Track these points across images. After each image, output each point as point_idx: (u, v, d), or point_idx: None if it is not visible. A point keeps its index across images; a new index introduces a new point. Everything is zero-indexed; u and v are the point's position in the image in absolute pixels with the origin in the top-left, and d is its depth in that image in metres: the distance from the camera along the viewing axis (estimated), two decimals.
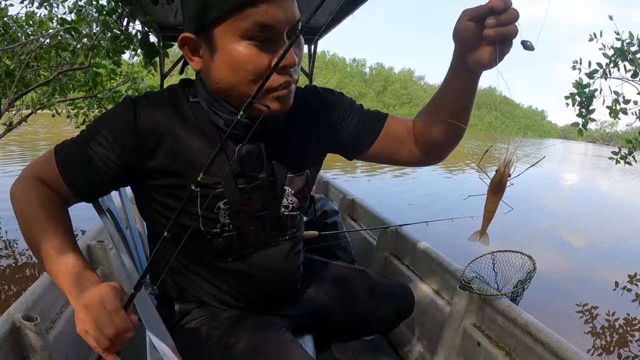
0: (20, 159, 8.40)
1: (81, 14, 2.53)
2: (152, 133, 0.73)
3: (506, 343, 1.16)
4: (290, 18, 0.66)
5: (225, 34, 0.65)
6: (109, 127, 0.73)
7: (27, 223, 0.71)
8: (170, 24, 2.55)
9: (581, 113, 3.85)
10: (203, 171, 0.58)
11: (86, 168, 0.73)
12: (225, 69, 0.67)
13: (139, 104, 0.74)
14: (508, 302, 1.17)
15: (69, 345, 1.17)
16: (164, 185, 0.75)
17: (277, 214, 0.83)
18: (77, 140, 0.75)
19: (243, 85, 0.68)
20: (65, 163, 0.74)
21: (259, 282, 0.85)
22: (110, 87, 3.99)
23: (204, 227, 0.77)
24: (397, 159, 0.89)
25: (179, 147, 0.74)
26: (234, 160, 0.76)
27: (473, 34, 0.61)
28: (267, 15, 0.63)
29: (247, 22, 0.63)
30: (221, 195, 0.76)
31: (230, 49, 0.65)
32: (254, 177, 0.78)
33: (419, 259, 1.61)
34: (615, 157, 4.19)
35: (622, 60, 3.68)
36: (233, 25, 0.64)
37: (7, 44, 2.75)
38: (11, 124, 3.21)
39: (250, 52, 0.65)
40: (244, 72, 0.66)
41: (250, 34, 0.64)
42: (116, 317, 0.58)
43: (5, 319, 0.94)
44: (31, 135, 12.36)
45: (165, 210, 0.77)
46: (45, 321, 1.10)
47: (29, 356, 0.97)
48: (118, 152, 0.72)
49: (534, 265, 1.21)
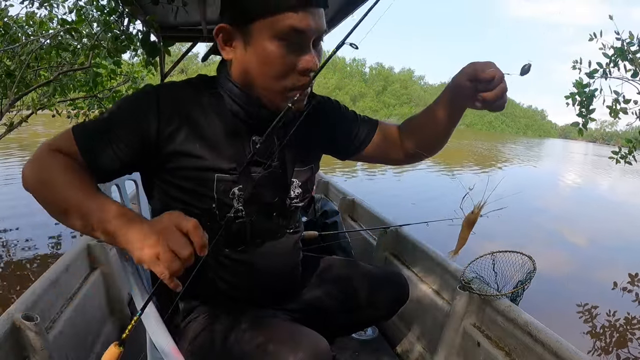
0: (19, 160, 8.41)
1: (81, 14, 2.53)
2: (174, 116, 0.75)
3: (506, 343, 1.16)
4: (320, 29, 0.73)
5: (261, 30, 0.70)
6: (132, 109, 0.74)
7: (54, 190, 0.67)
8: (170, 24, 2.55)
9: (581, 113, 3.85)
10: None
11: (107, 148, 0.72)
12: (255, 62, 0.73)
13: (163, 88, 0.77)
14: (508, 303, 1.17)
15: (69, 344, 1.17)
16: (181, 167, 0.77)
17: (285, 204, 0.87)
18: (98, 121, 0.74)
19: (267, 80, 0.74)
20: (85, 141, 0.72)
21: (264, 274, 0.87)
22: (111, 87, 3.99)
23: (219, 212, 0.78)
24: (385, 158, 1.01)
25: (199, 132, 0.77)
26: (255, 150, 0.78)
27: (469, 89, 0.75)
28: (302, 22, 0.69)
29: (284, 25, 0.69)
30: (236, 180, 0.78)
31: (264, 45, 0.71)
32: (267, 165, 0.82)
33: (419, 259, 1.62)
34: (616, 156, 4.19)
35: (622, 60, 3.67)
36: (270, 25, 0.69)
37: (7, 45, 2.75)
38: (12, 124, 3.21)
39: (280, 52, 0.71)
40: (269, 69, 0.72)
41: (284, 36, 0.70)
42: (195, 235, 0.59)
43: (5, 318, 0.94)
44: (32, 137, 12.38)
45: (181, 193, 0.78)
46: (45, 321, 1.10)
47: (29, 356, 0.97)
48: (140, 134, 0.73)
49: (534, 266, 1.21)
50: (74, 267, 1.35)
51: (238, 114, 0.79)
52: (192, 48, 3.29)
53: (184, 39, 3.01)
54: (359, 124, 0.98)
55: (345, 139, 0.97)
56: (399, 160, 1.00)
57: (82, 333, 1.27)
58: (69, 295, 1.28)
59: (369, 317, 1.08)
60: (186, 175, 0.77)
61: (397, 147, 0.98)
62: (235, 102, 0.78)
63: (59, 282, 1.22)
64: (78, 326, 1.24)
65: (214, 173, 0.76)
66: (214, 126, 0.78)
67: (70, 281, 1.31)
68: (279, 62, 0.72)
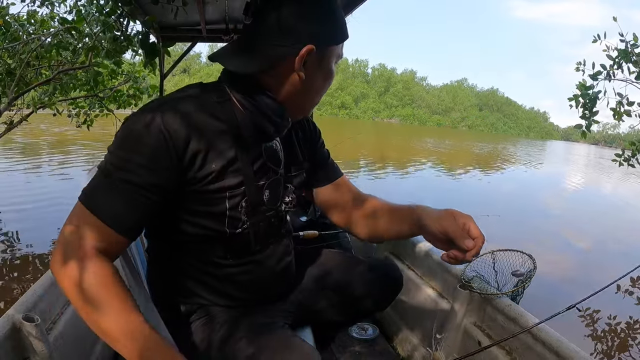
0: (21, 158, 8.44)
1: (81, 14, 2.53)
2: (187, 145, 0.71)
3: (507, 342, 1.15)
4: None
5: (331, 54, 0.80)
6: (142, 154, 0.68)
7: (87, 310, 0.65)
8: (170, 24, 2.56)
9: (585, 115, 3.83)
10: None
11: (130, 205, 0.68)
12: (321, 80, 0.81)
13: (167, 118, 0.70)
14: (508, 301, 1.17)
15: (70, 346, 1.16)
16: (198, 191, 0.74)
17: (281, 209, 0.87)
18: (107, 181, 0.69)
19: (319, 96, 0.85)
20: (104, 210, 0.68)
21: (265, 277, 0.88)
22: (112, 86, 3.99)
23: (228, 228, 0.78)
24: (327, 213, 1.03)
25: (213, 150, 0.74)
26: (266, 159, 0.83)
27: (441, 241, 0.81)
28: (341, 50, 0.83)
29: (339, 53, 0.82)
30: (243, 192, 0.78)
31: (330, 67, 0.81)
32: (274, 171, 0.84)
33: (419, 258, 1.61)
34: (619, 159, 4.17)
35: (626, 61, 3.66)
36: (335, 51, 0.80)
37: (8, 43, 2.75)
38: (12, 123, 3.21)
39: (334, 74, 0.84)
40: (326, 87, 0.84)
41: (336, 61, 0.82)
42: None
43: (5, 319, 0.94)
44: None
45: (191, 216, 0.76)
46: (45, 322, 1.09)
47: (29, 357, 0.97)
48: (161, 177, 0.69)
49: (534, 265, 1.20)
50: None
51: (264, 127, 0.79)
52: (191, 48, 3.30)
53: (184, 39, 3.01)
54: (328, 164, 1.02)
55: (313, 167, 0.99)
56: (339, 223, 1.02)
57: (82, 334, 1.26)
58: None
59: (365, 307, 1.08)
60: (201, 198, 0.75)
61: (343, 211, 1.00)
62: (261, 112, 0.77)
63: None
64: (79, 327, 1.23)
65: (227, 190, 0.76)
66: (223, 140, 0.76)
67: None
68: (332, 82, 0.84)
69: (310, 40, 0.74)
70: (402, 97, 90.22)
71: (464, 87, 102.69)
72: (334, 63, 0.81)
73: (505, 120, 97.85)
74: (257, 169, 0.80)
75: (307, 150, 0.97)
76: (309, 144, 0.98)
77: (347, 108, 79.44)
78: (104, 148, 0.78)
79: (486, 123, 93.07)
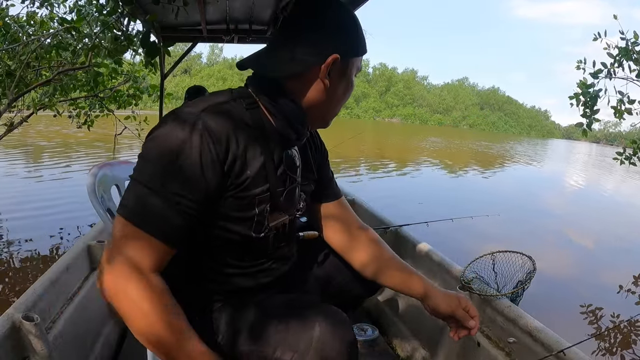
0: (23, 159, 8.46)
1: (81, 14, 2.53)
2: (228, 152, 0.72)
3: (506, 343, 1.15)
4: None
5: (353, 66, 0.83)
6: (188, 164, 0.68)
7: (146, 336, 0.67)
8: (170, 24, 2.56)
9: (586, 113, 3.82)
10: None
11: (180, 217, 0.69)
12: (342, 90, 0.84)
13: (208, 125, 0.70)
14: (508, 303, 1.17)
15: (69, 345, 1.17)
16: (229, 197, 0.76)
17: (294, 214, 0.91)
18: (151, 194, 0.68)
19: (339, 106, 0.87)
20: (154, 225, 0.67)
21: (276, 276, 0.91)
22: (112, 86, 3.99)
23: (254, 233, 0.81)
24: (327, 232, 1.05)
25: (247, 158, 0.76)
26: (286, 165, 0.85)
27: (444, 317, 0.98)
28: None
29: (360, 65, 0.86)
30: (269, 198, 0.80)
31: (351, 78, 0.85)
32: (293, 179, 0.87)
33: (419, 259, 1.61)
34: (620, 157, 4.16)
35: (627, 59, 3.65)
36: (356, 63, 0.84)
37: (8, 44, 2.75)
38: (12, 124, 3.21)
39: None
40: (347, 97, 0.87)
41: (356, 73, 0.86)
42: None
43: (5, 319, 0.94)
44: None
45: (220, 220, 0.78)
46: (45, 321, 1.10)
47: (29, 356, 0.97)
48: (208, 186, 0.70)
49: (534, 266, 1.20)
50: (74, 267, 1.35)
51: (288, 134, 0.81)
52: (192, 48, 3.30)
53: (184, 39, 3.01)
54: (332, 183, 1.05)
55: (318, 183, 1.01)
56: (334, 243, 1.04)
57: (82, 333, 1.27)
58: (69, 295, 1.28)
59: (355, 292, 1.09)
60: (235, 204, 0.76)
61: (341, 233, 1.03)
62: (285, 118, 0.80)
63: (59, 282, 1.22)
64: (78, 326, 1.24)
65: (257, 196, 0.78)
66: (255, 145, 0.77)
67: (71, 281, 1.31)
68: (351, 94, 0.88)
69: (335, 50, 0.78)
70: (403, 97, 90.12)
71: (465, 86, 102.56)
72: (354, 74, 0.85)
73: (506, 119, 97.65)
74: (279, 175, 0.83)
75: (316, 163, 1.00)
76: (319, 157, 1.02)
77: (348, 108, 79.24)
78: (104, 148, 0.78)
79: (487, 122, 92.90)
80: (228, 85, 63.15)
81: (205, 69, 69.13)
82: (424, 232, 1.76)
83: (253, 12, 2.42)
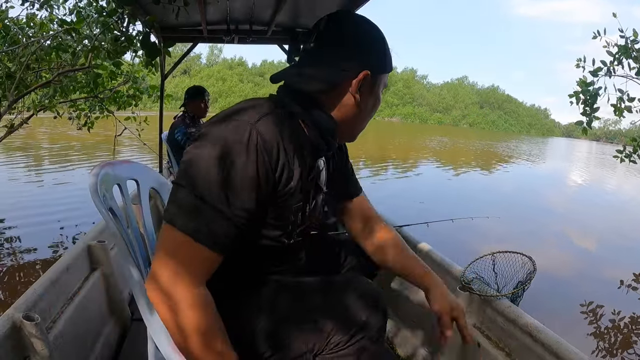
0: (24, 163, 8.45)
1: (81, 15, 2.53)
2: (278, 162, 0.74)
3: (506, 344, 1.15)
4: None
5: (380, 82, 0.86)
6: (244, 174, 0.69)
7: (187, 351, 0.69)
8: (171, 24, 2.56)
9: (585, 111, 3.82)
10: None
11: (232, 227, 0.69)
12: (371, 105, 0.87)
13: (261, 134, 0.71)
14: (508, 303, 1.17)
15: (70, 345, 1.17)
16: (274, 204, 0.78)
17: (319, 220, 0.96)
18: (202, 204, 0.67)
19: (367, 120, 0.90)
20: (204, 234, 0.67)
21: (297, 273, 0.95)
22: (111, 87, 3.99)
23: (287, 239, 0.84)
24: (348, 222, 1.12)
25: (292, 168, 0.78)
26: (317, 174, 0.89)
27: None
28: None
29: (385, 81, 0.89)
30: (303, 206, 0.85)
31: (378, 93, 0.88)
32: (319, 187, 0.91)
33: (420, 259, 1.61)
34: (620, 155, 4.16)
35: (627, 57, 3.64)
36: (383, 79, 0.87)
37: (7, 46, 2.75)
38: (12, 126, 3.21)
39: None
40: (374, 112, 0.90)
41: (383, 89, 0.89)
42: None
43: (5, 318, 0.94)
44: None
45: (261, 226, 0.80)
46: (45, 321, 1.10)
47: (29, 356, 0.97)
48: (260, 195, 0.72)
49: (534, 266, 1.20)
50: (75, 267, 1.35)
51: (319, 145, 0.84)
52: (192, 48, 3.30)
53: (185, 40, 3.01)
54: (353, 178, 1.12)
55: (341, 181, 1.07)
56: (349, 231, 1.13)
57: (82, 333, 1.27)
58: (69, 295, 1.28)
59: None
60: (278, 212, 0.79)
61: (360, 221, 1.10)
62: (318, 129, 0.83)
63: (59, 282, 1.22)
64: (78, 326, 1.24)
65: (295, 204, 0.82)
66: (295, 155, 0.79)
67: (71, 281, 1.31)
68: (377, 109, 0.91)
69: (366, 66, 0.81)
70: (403, 96, 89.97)
71: (465, 85, 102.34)
72: (381, 90, 0.88)
73: (506, 117, 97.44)
74: (316, 182, 0.88)
75: (337, 172, 1.05)
76: (341, 165, 1.08)
77: None
78: (103, 148, 0.78)
79: (487, 120, 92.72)
80: (228, 85, 63.19)
81: (205, 70, 69.01)
82: (424, 232, 1.76)
83: (253, 13, 2.42)
